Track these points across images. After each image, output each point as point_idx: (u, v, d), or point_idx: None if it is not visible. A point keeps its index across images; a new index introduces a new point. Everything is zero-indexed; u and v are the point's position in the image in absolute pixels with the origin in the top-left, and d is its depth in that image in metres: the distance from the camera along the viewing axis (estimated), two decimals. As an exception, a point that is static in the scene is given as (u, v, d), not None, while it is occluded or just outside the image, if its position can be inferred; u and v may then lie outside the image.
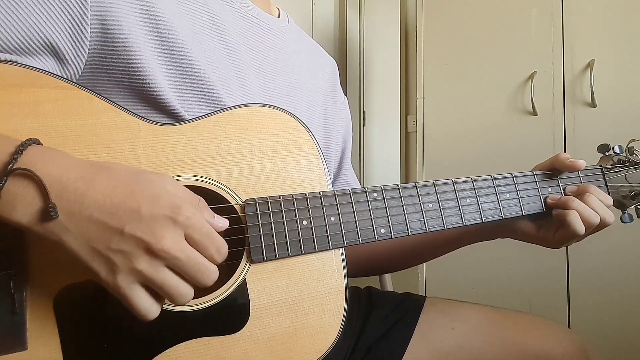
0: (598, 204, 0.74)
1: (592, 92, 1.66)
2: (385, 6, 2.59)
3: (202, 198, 0.51)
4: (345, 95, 1.03)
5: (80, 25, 0.57)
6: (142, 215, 0.46)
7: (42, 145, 0.48)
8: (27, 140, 0.46)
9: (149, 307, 0.48)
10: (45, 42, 0.55)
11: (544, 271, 1.73)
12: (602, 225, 0.75)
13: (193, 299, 0.55)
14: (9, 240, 0.48)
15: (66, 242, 0.45)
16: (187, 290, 0.49)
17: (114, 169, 0.48)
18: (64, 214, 0.44)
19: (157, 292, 0.48)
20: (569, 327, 1.65)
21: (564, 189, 0.79)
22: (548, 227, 0.77)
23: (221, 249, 0.51)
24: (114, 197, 0.46)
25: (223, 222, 0.53)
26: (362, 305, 0.91)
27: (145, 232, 0.46)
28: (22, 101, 0.51)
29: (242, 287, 0.58)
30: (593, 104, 1.67)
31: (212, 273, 0.50)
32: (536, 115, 1.78)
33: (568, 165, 0.77)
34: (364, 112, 2.61)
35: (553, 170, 0.79)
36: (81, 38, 0.57)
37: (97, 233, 0.45)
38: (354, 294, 0.94)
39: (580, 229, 0.72)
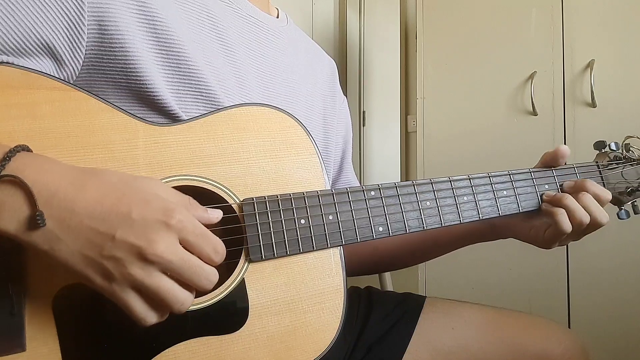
0: (591, 203, 0.73)
1: (592, 92, 1.66)
2: (385, 6, 2.59)
3: (191, 197, 0.51)
4: (345, 95, 1.03)
5: (77, 26, 0.57)
6: (133, 220, 0.45)
7: (31, 152, 0.47)
8: (15, 146, 0.46)
9: (145, 313, 0.47)
10: (42, 43, 0.55)
11: (544, 271, 1.73)
12: (594, 224, 0.74)
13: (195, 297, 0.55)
14: (7, 241, 0.48)
15: (57, 251, 0.45)
16: (183, 295, 0.48)
17: (104, 174, 0.48)
18: (53, 221, 0.44)
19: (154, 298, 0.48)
20: (569, 327, 1.65)
21: (560, 185, 0.79)
22: (539, 226, 0.77)
23: (218, 248, 0.50)
24: (104, 202, 0.45)
25: (217, 214, 0.53)
26: (362, 305, 0.91)
27: (137, 237, 0.45)
28: (19, 103, 0.50)
29: (241, 287, 0.58)
30: (593, 104, 1.67)
31: (210, 275, 0.49)
32: (536, 115, 1.79)
33: (553, 155, 0.78)
34: (364, 112, 2.61)
35: (548, 166, 0.79)
36: (78, 39, 0.57)
37: (89, 240, 0.45)
38: (353, 294, 0.94)
39: (567, 227, 0.72)
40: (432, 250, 0.91)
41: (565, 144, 1.70)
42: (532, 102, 1.77)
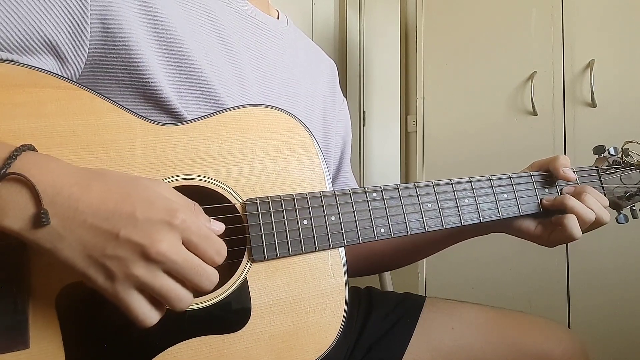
0: (594, 202, 0.74)
1: (592, 92, 1.66)
2: (385, 6, 2.59)
3: (196, 203, 0.51)
4: (345, 95, 1.03)
5: (80, 24, 0.57)
6: (137, 219, 0.45)
7: (37, 151, 0.48)
8: (21, 146, 0.46)
9: (147, 313, 0.47)
10: (45, 41, 0.55)
11: (544, 271, 1.73)
12: (598, 223, 0.75)
13: (195, 297, 0.55)
14: (11, 240, 0.48)
15: (60, 250, 0.44)
16: (185, 295, 0.48)
17: (109, 175, 0.48)
18: (57, 220, 0.44)
19: (155, 298, 0.47)
20: (569, 327, 1.66)
21: (560, 190, 0.79)
22: (544, 226, 0.78)
23: (221, 250, 0.50)
24: (108, 202, 0.45)
25: (219, 226, 0.52)
26: (362, 305, 0.91)
27: (141, 236, 0.45)
28: (24, 101, 0.51)
29: (244, 286, 0.58)
30: (593, 104, 1.68)
31: (211, 276, 0.49)
32: (536, 115, 1.79)
33: (560, 175, 0.77)
34: (364, 112, 2.62)
35: (548, 171, 0.79)
36: (81, 37, 0.57)
37: (92, 239, 0.44)
38: (353, 294, 0.94)
39: (578, 233, 0.73)
40: (425, 249, 0.91)
41: (565, 144, 1.72)
42: (532, 102, 1.78)
